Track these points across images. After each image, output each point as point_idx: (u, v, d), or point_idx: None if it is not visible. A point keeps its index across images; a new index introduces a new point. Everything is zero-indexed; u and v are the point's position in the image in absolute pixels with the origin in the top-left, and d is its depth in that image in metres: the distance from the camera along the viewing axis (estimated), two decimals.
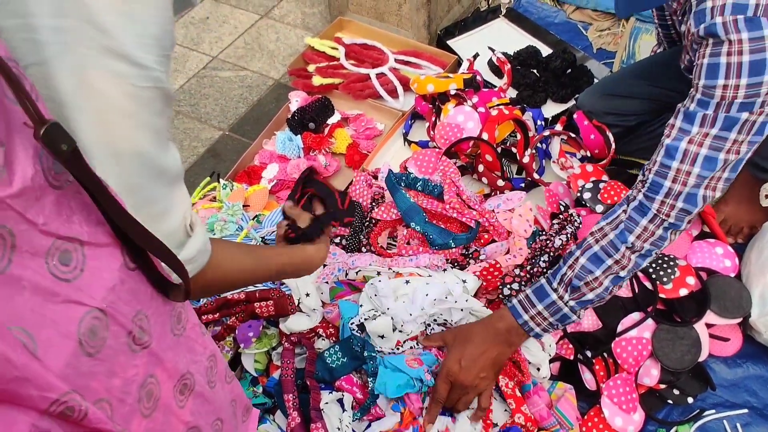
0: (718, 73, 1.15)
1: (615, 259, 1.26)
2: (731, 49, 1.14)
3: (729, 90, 1.14)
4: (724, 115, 1.15)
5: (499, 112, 1.88)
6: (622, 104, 1.85)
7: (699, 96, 1.18)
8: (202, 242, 0.80)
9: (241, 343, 1.55)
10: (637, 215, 1.24)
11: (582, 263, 1.28)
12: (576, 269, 1.29)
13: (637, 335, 1.49)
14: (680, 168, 1.19)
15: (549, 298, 1.32)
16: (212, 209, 1.80)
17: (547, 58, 2.23)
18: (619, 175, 1.83)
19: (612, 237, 1.26)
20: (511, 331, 1.36)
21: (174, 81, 2.41)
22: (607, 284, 1.28)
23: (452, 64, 2.25)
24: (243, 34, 2.58)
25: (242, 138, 2.22)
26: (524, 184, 1.85)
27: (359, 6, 2.43)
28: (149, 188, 0.71)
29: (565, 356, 1.52)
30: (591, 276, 1.27)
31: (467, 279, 1.49)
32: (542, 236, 1.62)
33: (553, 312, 1.32)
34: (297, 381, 1.44)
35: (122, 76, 0.63)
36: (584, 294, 1.29)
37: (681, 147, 1.19)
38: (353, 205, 1.46)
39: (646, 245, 1.24)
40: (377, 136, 2.13)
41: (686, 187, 1.19)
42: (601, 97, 1.88)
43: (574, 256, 1.30)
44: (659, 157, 1.22)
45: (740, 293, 1.52)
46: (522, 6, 2.53)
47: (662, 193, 1.21)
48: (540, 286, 1.33)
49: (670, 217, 1.22)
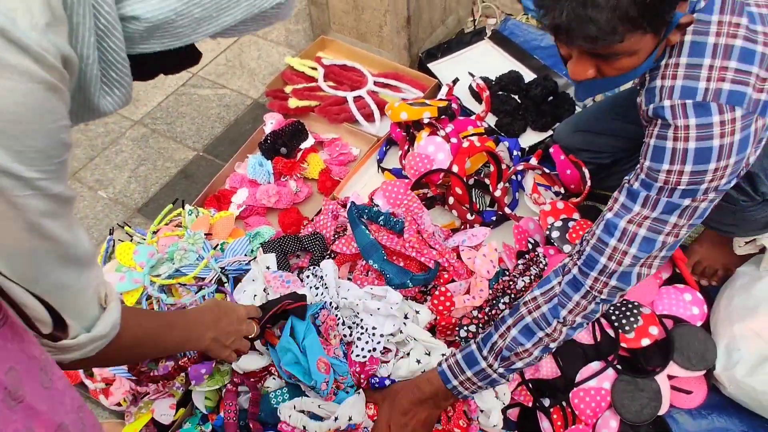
0: (663, 157, 1.13)
1: (546, 332, 1.25)
2: (678, 134, 1.11)
3: (673, 175, 1.12)
4: (666, 200, 1.14)
5: (471, 144, 1.84)
6: (596, 141, 1.80)
7: (643, 176, 1.16)
8: (116, 318, 0.86)
9: (193, 380, 1.52)
10: (571, 290, 1.22)
11: (513, 335, 1.27)
12: (507, 340, 1.27)
13: (597, 386, 1.45)
14: (617, 246, 1.17)
15: (478, 365, 1.30)
16: (174, 237, 1.77)
17: (528, 85, 2.18)
18: (591, 212, 1.78)
19: (545, 310, 1.25)
20: (438, 395, 1.35)
21: (152, 98, 2.39)
22: (537, 354, 1.28)
23: (432, 88, 2.21)
24: (225, 51, 2.55)
25: (216, 159, 2.19)
26: (495, 217, 1.81)
27: (341, 26, 2.39)
28: (54, 276, 0.75)
29: (524, 402, 1.48)
30: (521, 348, 1.27)
31: (420, 310, 1.47)
32: (505, 277, 1.58)
33: (481, 378, 1.31)
34: (240, 422, 1.41)
35: (3, 188, 0.65)
36: (513, 363, 1.29)
37: (620, 225, 1.17)
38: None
39: (578, 319, 1.24)
40: (351, 161, 2.09)
41: (621, 266, 1.18)
42: (575, 132, 1.83)
43: (506, 325, 1.29)
44: (598, 231, 1.20)
45: (705, 345, 1.47)
46: (508, 28, 2.48)
47: (597, 269, 1.20)
48: (470, 353, 1.32)
49: (602, 294, 1.21)
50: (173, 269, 1.67)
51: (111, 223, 2.01)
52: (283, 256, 1.66)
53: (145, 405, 1.54)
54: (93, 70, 0.73)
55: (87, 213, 2.06)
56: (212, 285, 1.66)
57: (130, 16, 0.72)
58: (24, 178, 0.65)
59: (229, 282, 1.68)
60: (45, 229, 0.70)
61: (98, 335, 0.83)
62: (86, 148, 2.24)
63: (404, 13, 2.19)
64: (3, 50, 0.60)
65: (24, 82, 0.62)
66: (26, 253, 0.71)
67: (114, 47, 0.73)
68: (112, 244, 1.85)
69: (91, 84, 0.74)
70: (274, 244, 1.68)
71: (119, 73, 0.76)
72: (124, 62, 0.76)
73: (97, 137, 2.26)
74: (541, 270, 1.60)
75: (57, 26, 0.65)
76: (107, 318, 0.84)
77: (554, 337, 1.25)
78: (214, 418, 1.50)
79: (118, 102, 0.80)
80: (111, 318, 0.84)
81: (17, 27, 0.61)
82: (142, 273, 1.66)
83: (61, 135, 0.68)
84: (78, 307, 0.80)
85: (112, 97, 0.78)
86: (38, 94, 0.64)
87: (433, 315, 1.52)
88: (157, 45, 0.76)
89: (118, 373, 1.57)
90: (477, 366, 1.30)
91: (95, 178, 2.15)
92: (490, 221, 1.80)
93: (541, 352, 1.27)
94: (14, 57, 0.61)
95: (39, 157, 0.66)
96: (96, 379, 1.59)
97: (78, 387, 1.63)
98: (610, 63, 1.15)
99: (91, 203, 2.09)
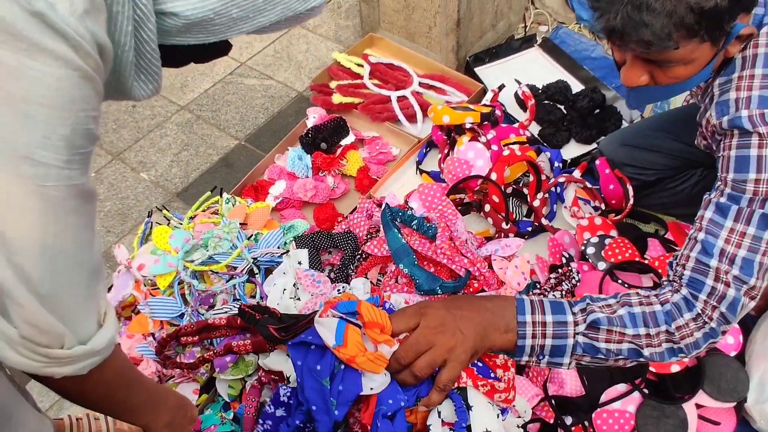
0: (749, 166, 1.09)
1: (649, 332, 1.08)
2: (762, 141, 1.08)
3: (762, 184, 1.08)
4: (760, 212, 1.08)
5: (511, 153, 1.82)
6: (642, 157, 1.76)
7: (729, 190, 1.12)
8: (113, 335, 0.81)
9: (218, 368, 1.54)
10: (684, 306, 1.10)
11: (620, 313, 1.09)
12: (606, 312, 1.09)
13: (621, 408, 1.42)
14: (719, 267, 1.09)
15: (564, 316, 1.07)
16: (209, 224, 1.79)
17: (575, 96, 2.14)
18: (630, 231, 1.75)
19: (658, 309, 1.09)
20: (497, 317, 1.06)
21: (200, 85, 2.42)
22: (624, 348, 1.09)
23: (477, 92, 2.19)
24: (274, 42, 2.57)
25: (257, 149, 2.21)
26: (531, 228, 1.79)
27: (391, 24, 2.39)
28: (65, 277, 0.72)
29: (545, 419, 1.46)
30: (620, 328, 1.08)
31: None
32: (536, 290, 1.56)
33: (556, 334, 1.07)
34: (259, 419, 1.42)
35: (23, 176, 0.63)
36: (597, 339, 1.07)
37: (718, 244, 1.10)
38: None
39: (681, 343, 1.09)
40: (390, 161, 2.09)
41: (729, 288, 1.08)
42: (621, 146, 1.80)
43: (605, 302, 1.11)
44: (694, 253, 1.12)
45: (737, 376, 1.43)
46: (559, 37, 2.45)
47: (705, 292, 1.09)
48: (559, 303, 1.10)
49: (712, 321, 1.09)
50: (207, 256, 1.69)
51: (150, 205, 2.05)
52: (315, 252, 1.67)
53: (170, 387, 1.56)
54: (129, 57, 0.74)
55: (128, 193, 2.10)
56: (243, 275, 1.68)
57: (170, 12, 0.73)
58: (47, 165, 0.64)
59: (260, 273, 1.70)
60: (64, 222, 0.69)
61: (94, 349, 0.79)
62: (132, 130, 2.28)
63: (455, 15, 2.17)
64: (40, 35, 0.60)
65: (59, 68, 0.62)
66: (42, 246, 0.68)
67: (147, 38, 0.74)
68: (149, 226, 1.89)
69: (125, 70, 0.75)
70: (307, 239, 1.69)
71: (149, 62, 0.77)
72: (155, 53, 0.77)
73: (143, 119, 2.31)
74: (573, 286, 1.57)
75: (95, 14, 0.65)
76: (105, 333, 0.80)
77: (652, 342, 1.08)
78: (236, 407, 1.51)
79: (150, 90, 0.80)
80: (108, 334, 0.81)
81: (56, 12, 0.61)
82: (177, 257, 1.68)
83: (89, 125, 0.68)
84: (78, 317, 0.76)
85: (144, 84, 0.79)
86: (72, 81, 0.64)
87: None
88: (192, 39, 0.78)
89: (146, 354, 1.60)
90: (562, 316, 1.07)
91: (139, 159, 2.19)
92: (525, 232, 1.78)
93: (628, 352, 1.09)
94: (52, 42, 0.61)
95: (64, 145, 0.65)
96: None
97: None
98: (664, 70, 1.13)
99: (133, 184, 2.13)
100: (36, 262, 0.68)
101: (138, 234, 1.87)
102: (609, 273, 1.60)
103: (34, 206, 0.65)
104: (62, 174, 0.66)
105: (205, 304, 1.68)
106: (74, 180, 0.68)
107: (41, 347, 0.74)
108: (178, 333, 1.55)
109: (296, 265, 1.62)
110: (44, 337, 0.73)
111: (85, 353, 0.78)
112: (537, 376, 1.49)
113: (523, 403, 1.40)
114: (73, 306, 0.75)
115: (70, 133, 0.65)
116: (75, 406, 1.63)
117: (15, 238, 0.66)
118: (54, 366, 0.77)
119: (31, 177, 0.64)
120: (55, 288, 0.71)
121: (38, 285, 0.68)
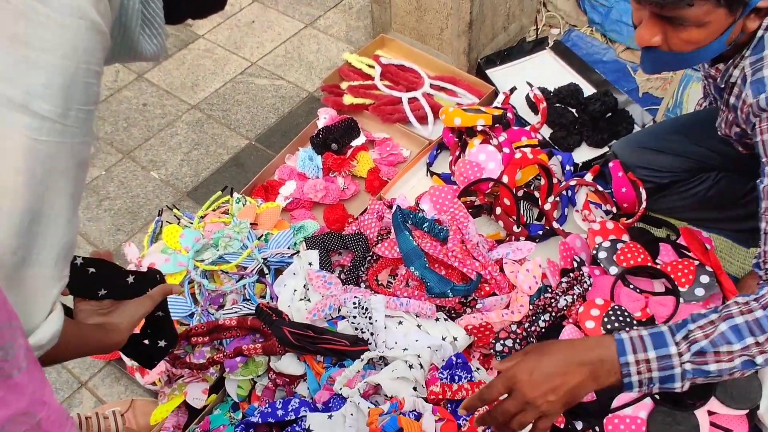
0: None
1: (757, 340, 1.05)
2: None
3: None
4: None
5: (523, 156, 1.81)
6: (657, 159, 1.75)
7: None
8: (58, 327, 0.73)
9: (227, 368, 1.54)
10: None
11: (721, 329, 1.06)
12: (710, 333, 1.07)
13: (632, 414, 1.41)
14: None
15: (666, 348, 1.06)
16: (220, 224, 1.79)
17: (587, 100, 2.14)
18: (642, 235, 1.74)
19: (760, 315, 1.06)
20: (604, 364, 1.08)
21: (210, 84, 2.42)
22: (737, 364, 1.06)
23: (488, 94, 2.18)
24: (285, 42, 2.57)
25: (267, 150, 2.21)
26: (542, 231, 1.78)
27: (402, 26, 2.39)
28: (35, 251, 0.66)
29: (556, 424, 1.45)
30: (726, 347, 1.05)
31: (458, 336, 1.44)
32: (547, 294, 1.55)
33: (662, 367, 1.06)
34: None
35: (17, 126, 0.60)
36: (706, 363, 1.05)
37: None
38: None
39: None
40: (401, 162, 2.08)
41: None
42: (636, 149, 1.79)
43: (708, 318, 1.09)
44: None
45: (750, 383, 1.42)
46: (571, 39, 2.44)
47: None
48: (660, 333, 1.08)
49: None
50: (217, 256, 1.69)
51: (161, 203, 2.05)
52: (326, 253, 1.66)
53: (179, 387, 1.57)
54: (135, 5, 0.73)
55: (138, 192, 2.10)
56: (254, 275, 1.68)
57: None
58: (41, 116, 0.61)
59: (271, 273, 1.69)
60: (49, 185, 0.64)
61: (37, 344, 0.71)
62: (143, 129, 2.28)
63: (467, 17, 2.17)
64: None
65: (67, 15, 0.61)
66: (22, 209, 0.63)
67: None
68: (159, 225, 1.89)
69: (131, 19, 0.73)
70: (317, 240, 1.69)
71: (153, 13, 0.76)
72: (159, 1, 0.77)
73: (154, 118, 2.31)
74: (585, 290, 1.57)
75: None
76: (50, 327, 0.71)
77: (764, 349, 1.05)
78: (245, 407, 1.51)
79: (155, 46, 0.78)
80: (54, 327, 0.72)
81: None
82: (187, 257, 1.68)
83: (90, 79, 0.65)
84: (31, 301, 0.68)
85: (150, 39, 0.78)
86: (78, 30, 0.62)
87: (470, 339, 1.50)
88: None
89: None
90: (664, 349, 1.06)
91: (149, 158, 2.20)
92: (536, 235, 1.77)
93: (743, 364, 1.06)
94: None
95: (62, 96, 0.62)
96: None
97: (116, 363, 1.67)
98: (677, 31, 1.14)
99: (143, 183, 2.13)
100: (10, 224, 0.62)
101: (148, 233, 1.87)
102: (621, 278, 1.60)
103: (22, 161, 0.61)
104: (56, 128, 0.63)
105: (215, 303, 1.68)
106: (68, 138, 0.64)
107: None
108: (189, 333, 1.55)
109: (307, 266, 1.61)
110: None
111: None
112: None
113: None
114: (31, 287, 0.67)
115: (70, 85, 0.62)
116: (84, 404, 1.65)
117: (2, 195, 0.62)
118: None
119: (24, 127, 0.61)
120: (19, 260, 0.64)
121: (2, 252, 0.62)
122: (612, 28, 2.40)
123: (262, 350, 1.49)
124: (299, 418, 1.35)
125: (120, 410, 1.56)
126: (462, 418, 1.31)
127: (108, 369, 1.71)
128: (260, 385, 1.53)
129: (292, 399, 1.39)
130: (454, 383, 1.35)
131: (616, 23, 2.40)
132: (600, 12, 2.45)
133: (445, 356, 1.42)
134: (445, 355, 1.43)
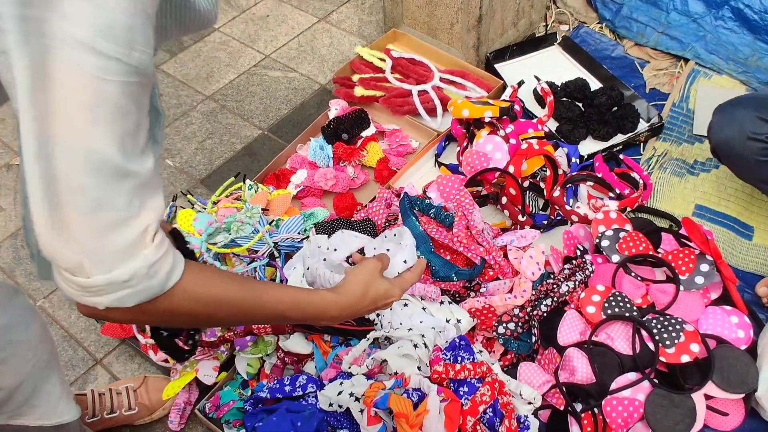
0: None
1: None
2: None
3: None
4: None
5: (529, 147, 1.85)
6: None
7: None
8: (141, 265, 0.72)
9: (238, 346, 1.59)
10: None
11: None
12: None
13: (631, 396, 1.45)
14: None
15: None
16: (232, 209, 1.84)
17: (593, 94, 2.17)
18: (644, 225, 1.77)
19: None
20: None
21: (225, 75, 2.48)
22: None
23: (497, 88, 2.22)
24: (298, 36, 2.62)
25: (279, 139, 2.26)
26: (546, 221, 1.82)
27: (413, 20, 2.43)
28: (102, 191, 0.67)
29: (556, 405, 1.49)
30: None
31: (462, 318, 1.48)
32: (550, 280, 1.59)
33: None
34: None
35: (85, 66, 0.62)
36: None
37: None
38: None
39: None
40: (410, 153, 2.13)
41: None
42: (756, 119, 1.58)
43: None
44: None
45: (747, 369, 1.45)
46: (579, 36, 2.47)
47: None
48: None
49: None
50: (229, 239, 1.74)
51: (175, 190, 2.10)
52: None
53: (191, 364, 1.61)
54: None
55: None
56: (264, 258, 1.73)
57: None
58: (108, 56, 0.62)
59: (281, 257, 1.74)
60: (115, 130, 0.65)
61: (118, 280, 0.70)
62: None
63: (476, 12, 2.21)
64: None
65: None
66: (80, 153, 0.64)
67: None
68: (174, 210, 1.94)
69: None
70: (326, 225, 1.73)
71: None
72: None
73: (169, 108, 2.36)
74: (587, 277, 1.60)
75: None
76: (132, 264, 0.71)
77: None
78: (254, 385, 1.56)
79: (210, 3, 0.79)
80: (135, 264, 0.71)
81: None
82: (200, 239, 1.73)
83: (147, 22, 0.65)
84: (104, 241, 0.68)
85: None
86: None
87: (474, 322, 1.54)
88: None
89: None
90: None
91: (164, 146, 2.25)
92: (540, 225, 1.81)
93: None
94: None
95: (125, 36, 0.63)
96: (147, 335, 1.67)
97: (131, 341, 1.72)
98: None
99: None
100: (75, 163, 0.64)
101: (162, 217, 1.92)
102: (622, 265, 1.63)
103: (90, 101, 0.63)
104: (121, 68, 0.64)
105: None
106: (133, 77, 0.65)
107: (68, 273, 0.70)
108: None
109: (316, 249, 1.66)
110: (63, 261, 0.69)
111: (107, 284, 0.71)
112: (548, 363, 1.53)
113: (529, 390, 1.43)
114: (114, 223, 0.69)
115: (132, 26, 0.63)
116: (99, 380, 1.70)
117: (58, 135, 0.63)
118: (90, 296, 0.72)
119: (92, 66, 0.62)
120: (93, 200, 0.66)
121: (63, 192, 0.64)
122: (622, 24, 2.43)
123: (271, 330, 1.54)
124: (306, 393, 1.40)
125: (133, 386, 1.61)
126: (464, 397, 1.35)
127: (123, 347, 1.76)
128: (269, 364, 1.57)
129: (300, 376, 1.43)
130: (457, 363, 1.39)
131: (626, 20, 2.43)
132: (611, 9, 2.48)
133: (448, 338, 1.46)
134: (449, 336, 1.47)
